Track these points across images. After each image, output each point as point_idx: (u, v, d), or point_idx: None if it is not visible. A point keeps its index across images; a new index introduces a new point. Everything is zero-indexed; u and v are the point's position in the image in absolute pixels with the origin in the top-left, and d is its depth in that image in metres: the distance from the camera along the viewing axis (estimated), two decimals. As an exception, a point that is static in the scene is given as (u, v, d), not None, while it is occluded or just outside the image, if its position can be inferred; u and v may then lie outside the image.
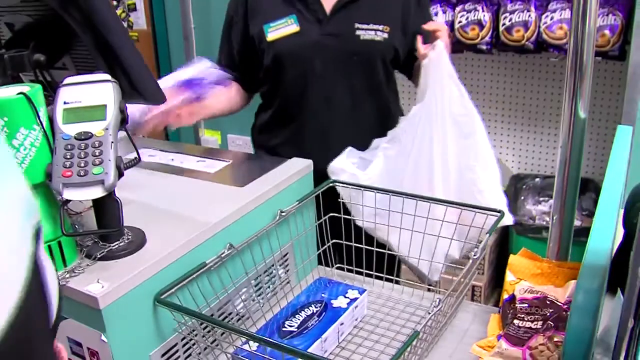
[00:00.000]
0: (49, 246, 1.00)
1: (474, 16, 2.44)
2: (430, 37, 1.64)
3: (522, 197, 2.64)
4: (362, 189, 1.38)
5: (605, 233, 0.69)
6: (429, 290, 1.39)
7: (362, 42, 1.69)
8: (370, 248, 1.37)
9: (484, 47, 2.47)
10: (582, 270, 0.64)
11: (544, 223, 2.51)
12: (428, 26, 1.62)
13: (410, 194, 1.34)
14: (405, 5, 1.75)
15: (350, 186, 1.40)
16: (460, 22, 2.47)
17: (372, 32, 1.69)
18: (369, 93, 1.77)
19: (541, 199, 2.62)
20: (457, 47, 2.54)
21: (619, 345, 0.52)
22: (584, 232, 1.30)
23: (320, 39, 1.69)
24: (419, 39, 1.62)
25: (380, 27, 1.69)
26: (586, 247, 0.66)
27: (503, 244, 2.75)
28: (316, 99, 1.73)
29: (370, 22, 1.69)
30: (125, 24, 3.48)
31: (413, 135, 1.51)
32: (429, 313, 1.00)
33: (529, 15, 2.35)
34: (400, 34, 1.73)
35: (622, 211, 0.87)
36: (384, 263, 1.39)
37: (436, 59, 1.57)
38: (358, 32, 1.69)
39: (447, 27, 1.71)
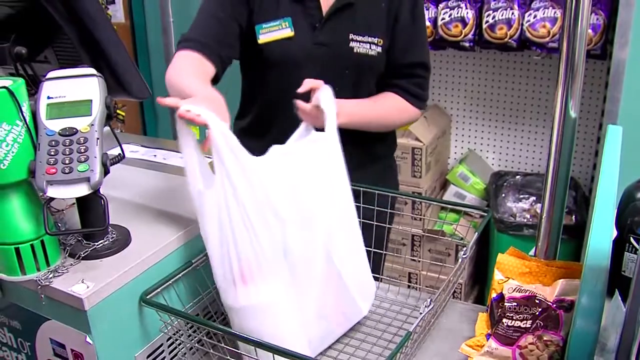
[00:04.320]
0: (32, 245, 0.98)
1: (457, 13, 2.44)
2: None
3: (503, 195, 2.64)
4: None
5: (605, 233, 0.68)
6: (410, 287, 1.39)
7: (355, 56, 1.55)
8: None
9: (467, 45, 2.47)
10: (585, 272, 0.63)
11: (525, 220, 2.52)
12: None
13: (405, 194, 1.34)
14: (395, 14, 1.57)
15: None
16: (443, 19, 2.46)
17: (366, 45, 1.54)
18: None
19: (522, 196, 2.63)
20: (440, 44, 2.54)
21: (626, 348, 0.52)
22: (565, 229, 1.31)
23: (312, 48, 1.54)
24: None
25: (375, 40, 1.55)
26: (587, 248, 0.66)
27: (483, 241, 2.76)
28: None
29: (365, 34, 1.54)
30: (103, 17, 3.43)
31: None
32: (420, 313, 0.99)
33: (512, 13, 2.35)
34: (388, 42, 1.59)
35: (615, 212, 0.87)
36: (370, 261, 1.37)
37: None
38: (352, 44, 1.54)
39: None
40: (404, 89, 1.61)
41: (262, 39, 1.54)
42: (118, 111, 3.49)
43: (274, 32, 1.54)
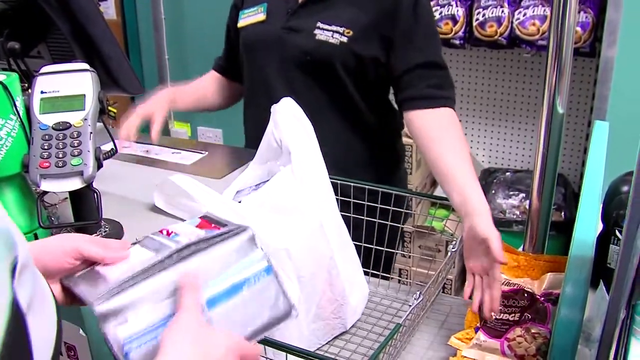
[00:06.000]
0: (25, 238, 0.98)
1: (448, 11, 2.46)
2: None
3: (493, 191, 2.66)
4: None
5: (589, 225, 0.70)
6: (400, 283, 1.40)
7: (315, 42, 1.51)
8: (358, 244, 1.34)
9: (457, 42, 2.49)
10: (570, 262, 0.64)
11: (514, 217, 2.55)
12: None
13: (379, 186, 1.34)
14: (387, 12, 1.48)
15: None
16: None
17: (329, 33, 1.50)
18: (333, 102, 1.57)
19: (511, 192, 2.65)
20: (430, 41, 2.56)
21: (609, 336, 0.53)
22: (554, 225, 1.33)
23: (281, 32, 1.56)
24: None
25: (341, 29, 1.49)
26: (572, 240, 0.67)
27: (473, 238, 2.78)
28: (279, 95, 1.33)
29: (333, 23, 1.50)
30: (94, 13, 3.42)
31: None
32: (410, 305, 1.00)
33: (502, 11, 2.37)
34: (371, 42, 1.50)
35: (601, 206, 0.88)
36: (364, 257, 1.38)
37: None
38: (316, 31, 1.52)
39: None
40: (422, 97, 1.45)
41: (240, 23, 1.63)
42: (110, 108, 3.48)
43: (250, 16, 1.61)
